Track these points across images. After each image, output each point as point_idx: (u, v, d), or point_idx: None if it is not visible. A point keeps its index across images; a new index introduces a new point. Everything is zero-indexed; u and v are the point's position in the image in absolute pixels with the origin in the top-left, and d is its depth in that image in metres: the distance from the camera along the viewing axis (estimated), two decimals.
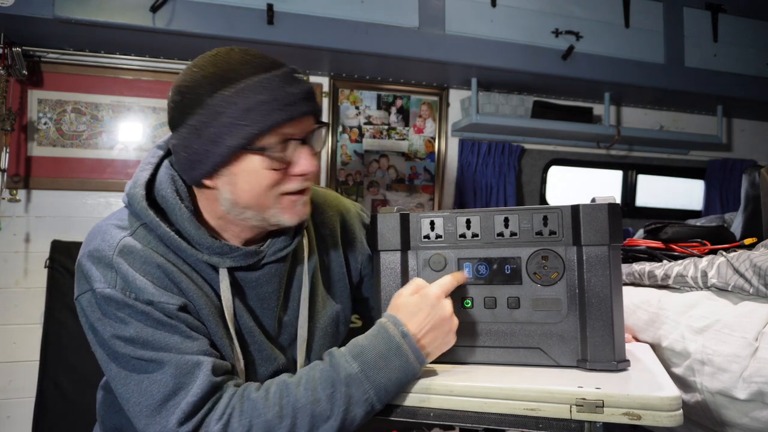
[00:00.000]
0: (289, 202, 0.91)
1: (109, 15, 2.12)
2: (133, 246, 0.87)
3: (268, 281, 0.99)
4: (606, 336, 0.89)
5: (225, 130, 0.83)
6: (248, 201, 0.89)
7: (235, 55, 0.87)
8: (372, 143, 2.92)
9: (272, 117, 0.84)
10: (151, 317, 0.84)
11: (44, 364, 2.21)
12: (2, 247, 2.37)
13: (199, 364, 0.83)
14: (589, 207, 0.90)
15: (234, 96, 0.83)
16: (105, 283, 0.84)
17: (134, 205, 0.90)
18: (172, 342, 0.84)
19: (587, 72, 2.73)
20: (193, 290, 0.90)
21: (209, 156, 0.85)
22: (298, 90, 0.86)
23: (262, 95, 0.83)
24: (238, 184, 0.88)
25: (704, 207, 3.45)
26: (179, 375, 0.82)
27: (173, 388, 0.81)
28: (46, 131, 2.43)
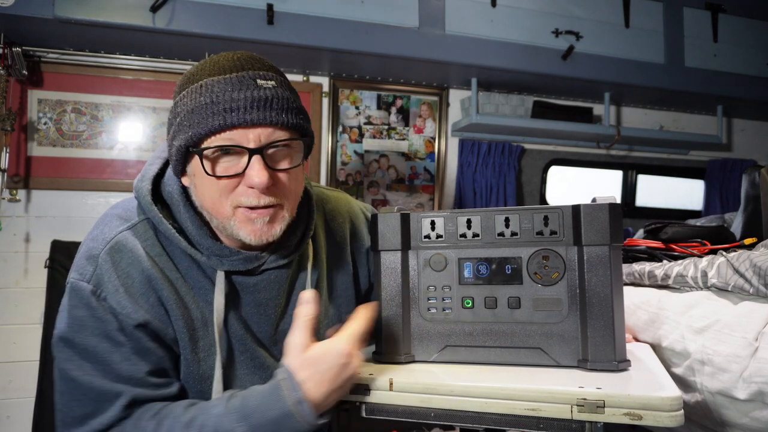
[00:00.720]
0: (243, 216, 0.86)
1: (109, 15, 2.12)
2: (125, 244, 0.88)
3: (267, 287, 0.97)
4: (607, 336, 0.89)
5: (177, 130, 0.85)
6: (208, 206, 0.88)
7: (224, 56, 0.87)
8: (372, 143, 2.92)
9: (210, 121, 0.81)
10: (104, 327, 0.85)
11: (44, 364, 2.21)
12: (2, 247, 2.37)
13: (119, 394, 0.84)
14: (590, 207, 0.90)
15: (186, 96, 0.84)
16: (81, 275, 0.86)
17: (140, 198, 0.91)
18: (109, 359, 0.85)
19: (587, 72, 2.73)
20: (173, 300, 0.89)
21: (172, 155, 0.87)
22: (245, 96, 0.81)
23: (204, 98, 0.82)
24: (197, 186, 0.88)
25: (704, 207, 3.45)
26: (99, 401, 0.84)
27: (91, 410, 0.84)
28: (46, 131, 2.43)
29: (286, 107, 0.84)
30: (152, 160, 0.96)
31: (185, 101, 0.84)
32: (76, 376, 0.85)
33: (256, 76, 0.84)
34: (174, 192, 0.91)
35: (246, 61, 0.86)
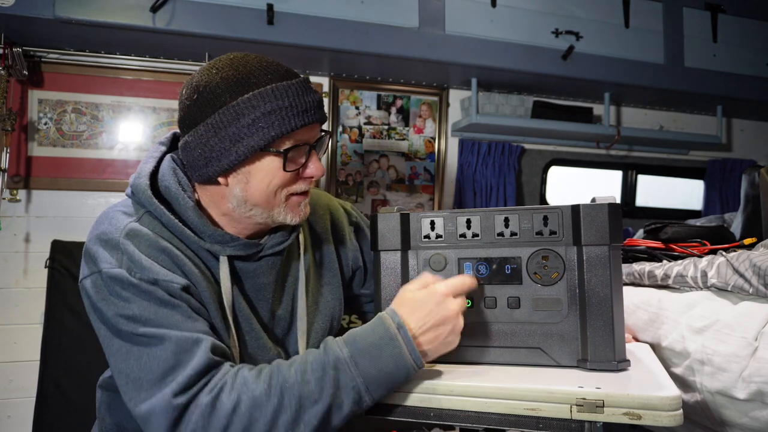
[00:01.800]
0: (294, 203, 0.97)
1: (109, 15, 2.12)
2: (139, 230, 0.91)
3: (265, 273, 1.02)
4: (606, 336, 0.89)
5: (245, 130, 0.87)
6: (258, 199, 0.93)
7: (252, 61, 0.92)
8: (372, 143, 2.92)
9: (291, 122, 0.89)
10: (155, 296, 0.86)
11: (44, 364, 2.21)
12: (2, 247, 2.37)
13: (198, 341, 0.84)
14: (590, 207, 0.90)
15: (255, 99, 0.87)
16: (112, 263, 0.87)
17: (139, 194, 0.94)
18: (174, 320, 0.85)
19: (587, 72, 2.73)
20: (196, 274, 0.92)
21: (227, 154, 0.89)
22: (312, 99, 0.92)
23: (282, 101, 0.88)
24: (252, 182, 0.92)
25: (704, 207, 3.45)
26: (179, 352, 0.83)
27: (173, 364, 0.82)
28: (47, 131, 2.43)
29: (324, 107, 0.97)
30: (146, 160, 1.00)
31: (253, 104, 0.87)
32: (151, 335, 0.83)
33: (306, 80, 0.95)
34: (171, 186, 0.94)
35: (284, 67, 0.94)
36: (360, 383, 0.82)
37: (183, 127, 0.94)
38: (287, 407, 0.80)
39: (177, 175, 0.96)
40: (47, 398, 2.18)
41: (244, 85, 0.88)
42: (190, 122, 0.91)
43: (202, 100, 0.89)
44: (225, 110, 0.87)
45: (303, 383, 0.81)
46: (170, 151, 1.02)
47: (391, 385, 0.85)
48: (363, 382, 0.82)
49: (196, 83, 0.91)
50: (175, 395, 0.80)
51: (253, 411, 0.79)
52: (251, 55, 0.94)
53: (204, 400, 0.80)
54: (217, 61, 0.93)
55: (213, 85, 0.89)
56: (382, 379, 0.83)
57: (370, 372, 0.83)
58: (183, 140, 0.93)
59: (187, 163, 0.95)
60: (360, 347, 0.84)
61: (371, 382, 0.83)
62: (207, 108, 0.89)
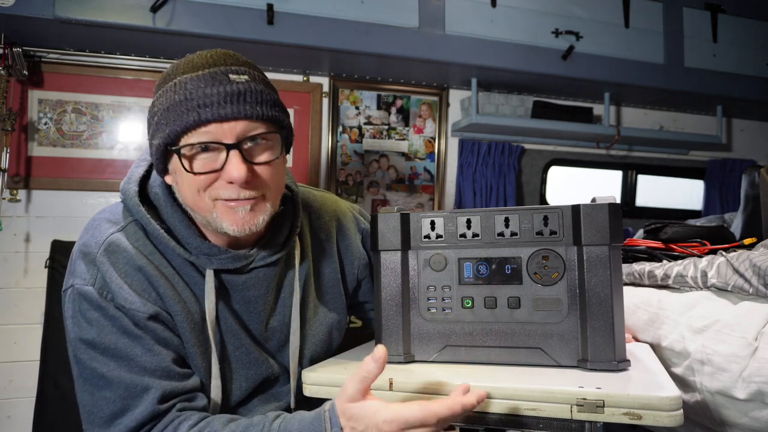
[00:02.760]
0: (224, 208, 0.87)
1: (109, 15, 2.11)
2: (119, 244, 0.89)
3: (255, 285, 0.98)
4: (606, 336, 0.89)
5: (154, 128, 0.86)
6: (189, 201, 0.89)
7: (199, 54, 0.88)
8: (372, 143, 2.92)
9: (184, 118, 0.82)
10: (119, 323, 0.85)
11: (44, 364, 2.21)
12: (2, 247, 2.37)
13: (147, 388, 0.84)
14: (590, 207, 0.90)
15: (162, 95, 0.85)
16: (84, 279, 0.87)
17: (127, 201, 0.92)
18: (132, 353, 0.85)
19: (587, 72, 2.73)
20: (171, 296, 0.90)
21: (152, 154, 0.88)
22: (218, 91, 0.82)
23: (179, 95, 0.82)
24: (179, 183, 0.89)
25: (704, 207, 3.45)
26: (127, 397, 0.84)
27: (120, 408, 0.84)
28: (47, 131, 2.43)
29: (260, 100, 0.85)
30: (138, 162, 0.98)
31: (161, 100, 0.84)
32: (102, 373, 0.84)
33: (228, 71, 0.84)
34: (160, 193, 0.92)
35: (219, 58, 0.86)
36: None
37: None
38: None
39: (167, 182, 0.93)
40: (47, 398, 2.18)
41: (164, 81, 0.87)
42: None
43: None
44: (150, 108, 0.88)
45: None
46: None
47: None
48: None
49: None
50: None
51: None
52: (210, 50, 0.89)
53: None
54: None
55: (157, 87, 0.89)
56: None
57: None
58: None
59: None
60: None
61: None
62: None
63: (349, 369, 0.96)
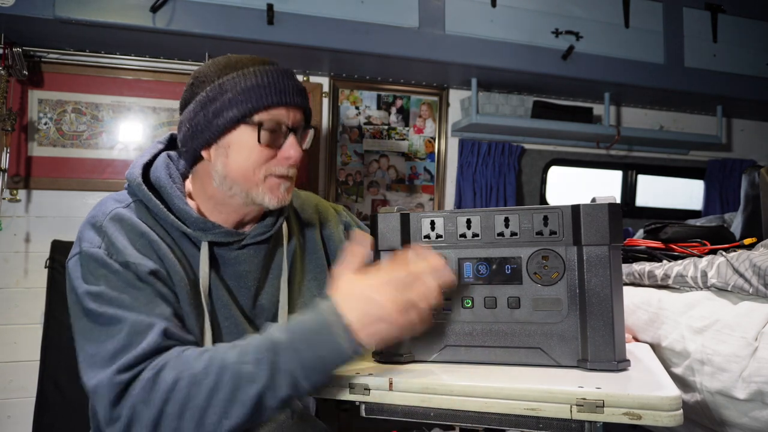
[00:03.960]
0: (273, 183, 1.02)
1: (109, 15, 2.12)
2: (123, 215, 0.98)
3: (247, 260, 1.07)
4: (606, 336, 0.89)
5: (227, 104, 0.97)
6: (237, 175, 1.00)
7: (244, 55, 1.03)
8: (372, 143, 2.92)
9: (268, 98, 0.98)
10: (124, 277, 0.91)
11: (44, 364, 2.20)
12: (2, 247, 2.37)
13: (152, 325, 0.87)
14: (590, 207, 0.90)
15: (237, 77, 0.98)
16: (92, 243, 0.94)
17: (131, 182, 1.02)
18: (136, 303, 0.90)
19: (587, 72, 2.73)
20: (171, 260, 0.98)
21: (210, 126, 0.98)
22: (292, 83, 1.00)
23: (261, 79, 0.98)
24: (231, 156, 1.00)
25: (704, 207, 3.45)
26: (132, 333, 0.86)
27: (125, 344, 0.86)
28: (47, 131, 2.43)
29: (308, 98, 1.05)
30: (143, 154, 1.08)
31: (236, 81, 0.97)
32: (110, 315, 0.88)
33: (290, 69, 1.03)
34: (161, 176, 1.03)
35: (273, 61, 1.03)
36: (296, 367, 0.82)
37: (181, 110, 1.04)
38: (224, 385, 0.81)
39: (169, 169, 1.04)
40: (47, 398, 2.18)
41: (230, 68, 0.99)
42: (184, 104, 1.03)
43: (195, 83, 1.01)
44: (211, 88, 0.98)
45: (241, 363, 0.82)
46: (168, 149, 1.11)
47: (328, 371, 0.84)
48: (300, 366, 0.82)
49: (196, 71, 1.03)
50: (119, 372, 0.83)
51: (191, 387, 0.81)
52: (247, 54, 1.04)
53: (146, 375, 0.83)
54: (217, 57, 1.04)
55: (207, 71, 1.01)
56: (318, 364, 0.83)
57: (305, 356, 0.82)
58: (180, 121, 1.03)
59: (180, 143, 1.04)
60: (296, 332, 0.84)
61: (306, 368, 0.82)
62: (198, 89, 1.00)
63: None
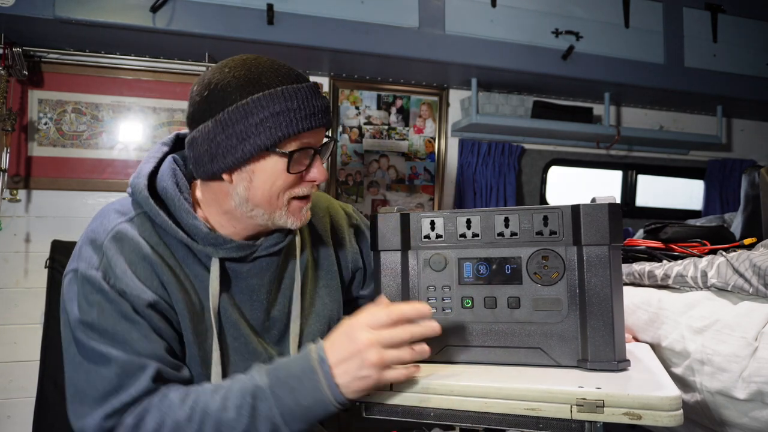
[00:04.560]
0: (296, 207, 0.97)
1: (109, 15, 2.12)
2: (126, 234, 0.92)
3: (258, 274, 1.02)
4: (606, 336, 0.89)
5: (253, 129, 0.88)
6: (260, 200, 0.94)
7: (264, 62, 0.93)
8: (372, 143, 2.92)
9: (298, 124, 0.90)
10: (119, 308, 0.87)
11: (44, 363, 2.21)
12: (2, 247, 2.37)
13: (143, 367, 0.86)
14: (590, 207, 0.90)
15: (264, 99, 0.88)
16: (90, 264, 0.89)
17: (137, 194, 0.95)
18: (129, 338, 0.87)
19: (587, 72, 2.73)
20: (174, 284, 0.93)
21: (233, 151, 0.89)
22: (320, 104, 0.93)
23: (291, 103, 0.89)
24: (255, 182, 0.93)
25: (704, 207, 3.45)
26: (123, 375, 0.85)
27: (115, 386, 0.84)
28: (47, 131, 2.43)
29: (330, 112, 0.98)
30: (147, 159, 1.01)
31: (263, 104, 0.88)
32: (101, 352, 0.86)
33: (315, 84, 0.94)
34: (168, 187, 0.95)
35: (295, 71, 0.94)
36: (276, 414, 0.81)
37: (191, 123, 0.94)
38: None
39: (176, 176, 0.97)
40: (47, 398, 2.18)
41: (254, 85, 0.89)
42: (199, 118, 0.92)
43: (213, 96, 0.90)
44: (234, 108, 0.88)
45: (223, 410, 0.82)
46: (173, 152, 1.04)
47: (309, 419, 0.82)
48: (279, 413, 0.81)
49: (208, 80, 0.92)
50: (106, 417, 0.83)
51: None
52: (263, 58, 0.94)
53: (128, 421, 0.83)
54: (229, 61, 0.94)
55: (224, 83, 0.89)
56: (300, 412, 0.81)
57: (287, 403, 0.81)
58: (190, 136, 0.94)
59: (192, 158, 0.94)
60: (280, 377, 0.83)
61: (287, 414, 0.81)
62: (216, 105, 0.90)
63: None
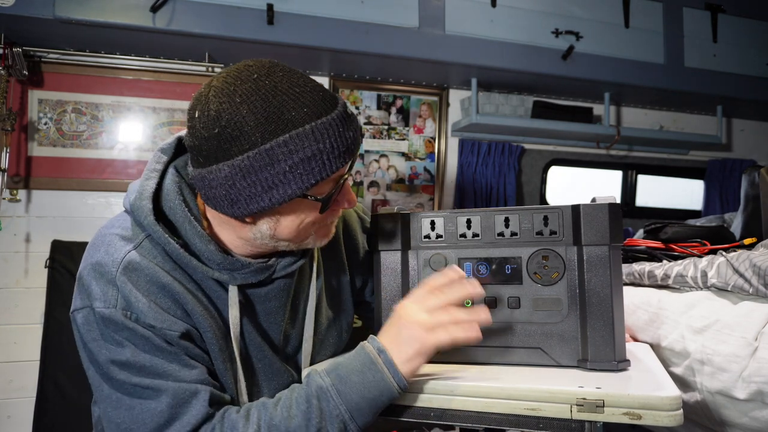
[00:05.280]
0: (324, 231, 0.92)
1: (109, 15, 2.12)
2: (138, 263, 0.84)
3: (276, 296, 0.97)
4: (606, 336, 0.89)
5: (281, 177, 0.77)
6: (287, 236, 0.87)
7: (281, 85, 0.78)
8: (372, 143, 2.92)
9: (332, 166, 0.79)
10: (151, 342, 0.81)
11: (44, 363, 2.21)
12: (2, 247, 2.37)
13: (196, 393, 0.81)
14: (590, 207, 0.90)
15: (292, 143, 0.76)
16: (105, 302, 0.81)
17: (141, 219, 0.86)
18: (170, 369, 0.81)
19: (587, 72, 2.73)
20: (199, 312, 0.87)
21: (258, 199, 0.79)
22: (353, 132, 0.81)
23: (324, 143, 0.77)
24: (283, 222, 0.85)
25: (704, 207, 3.45)
26: (175, 405, 0.80)
27: (168, 418, 0.79)
28: (47, 131, 2.43)
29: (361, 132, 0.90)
30: (147, 174, 0.90)
31: (290, 148, 0.76)
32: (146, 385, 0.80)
33: (344, 107, 0.82)
34: (176, 208, 0.87)
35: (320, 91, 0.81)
36: (343, 411, 0.81)
37: (198, 157, 0.81)
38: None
39: (183, 194, 0.88)
40: (47, 398, 2.18)
41: (277, 123, 0.75)
42: (209, 156, 0.79)
43: (226, 135, 0.76)
44: (256, 154, 0.75)
45: (289, 419, 0.81)
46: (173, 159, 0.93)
47: (375, 410, 0.83)
48: (346, 410, 0.81)
49: (216, 112, 0.76)
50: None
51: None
52: (277, 71, 0.79)
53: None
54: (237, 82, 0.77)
55: (239, 120, 0.75)
56: (366, 405, 0.81)
57: (353, 399, 0.81)
58: (199, 172, 0.81)
59: (205, 196, 0.83)
60: (341, 375, 0.82)
61: (354, 410, 0.81)
62: (232, 146, 0.76)
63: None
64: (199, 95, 0.81)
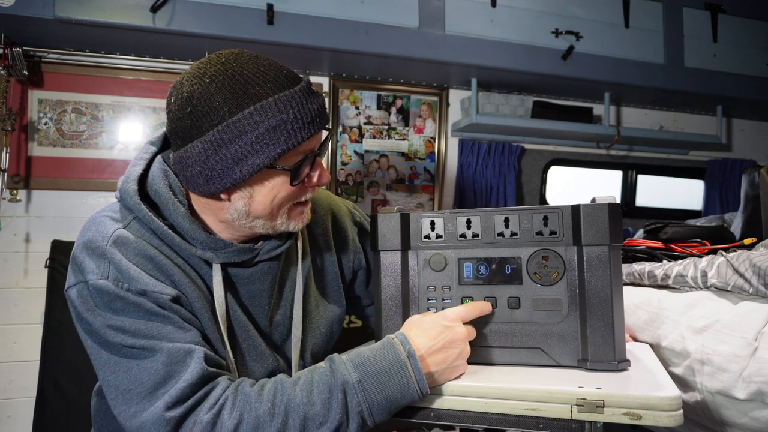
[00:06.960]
0: (297, 211, 0.95)
1: (109, 15, 2.12)
2: (127, 237, 0.88)
3: (260, 279, 1.00)
4: (606, 336, 0.89)
5: (249, 148, 0.82)
6: (262, 212, 0.91)
7: (246, 64, 0.85)
8: (372, 143, 2.92)
9: (297, 136, 0.84)
10: (144, 308, 0.84)
11: (44, 363, 2.21)
12: (2, 247, 2.37)
13: (191, 351, 0.82)
14: (590, 207, 0.90)
15: (257, 114, 0.82)
16: (98, 274, 0.84)
17: (127, 199, 0.90)
18: (164, 331, 0.83)
19: (587, 72, 2.73)
20: (186, 283, 0.90)
21: (230, 172, 0.84)
22: (316, 105, 0.87)
23: (287, 114, 0.83)
24: (256, 197, 0.89)
25: (704, 207, 3.45)
26: (171, 363, 0.81)
27: (164, 376, 0.80)
28: (47, 131, 2.43)
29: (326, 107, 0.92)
30: (135, 162, 0.95)
31: (256, 119, 0.82)
32: (141, 345, 0.82)
33: (308, 84, 0.88)
34: (161, 190, 0.90)
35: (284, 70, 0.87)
36: (365, 408, 0.81)
37: (176, 139, 0.87)
38: (291, 428, 0.79)
39: (168, 178, 0.92)
40: (47, 398, 2.18)
41: (242, 97, 0.82)
42: (185, 136, 0.85)
43: (197, 113, 0.83)
44: (225, 126, 0.82)
45: (309, 404, 0.80)
46: (162, 150, 0.98)
47: (394, 409, 0.84)
48: (368, 407, 0.82)
49: (188, 93, 0.84)
50: (167, 408, 0.78)
51: (256, 431, 0.78)
52: (244, 55, 0.86)
53: (204, 417, 0.78)
54: (208, 66, 0.85)
55: (208, 97, 0.82)
56: (387, 405, 0.83)
57: (375, 398, 0.82)
58: (177, 154, 0.87)
59: (183, 178, 0.89)
60: (369, 372, 0.83)
61: (376, 409, 0.82)
62: (203, 122, 0.82)
63: None
64: (175, 83, 0.88)
